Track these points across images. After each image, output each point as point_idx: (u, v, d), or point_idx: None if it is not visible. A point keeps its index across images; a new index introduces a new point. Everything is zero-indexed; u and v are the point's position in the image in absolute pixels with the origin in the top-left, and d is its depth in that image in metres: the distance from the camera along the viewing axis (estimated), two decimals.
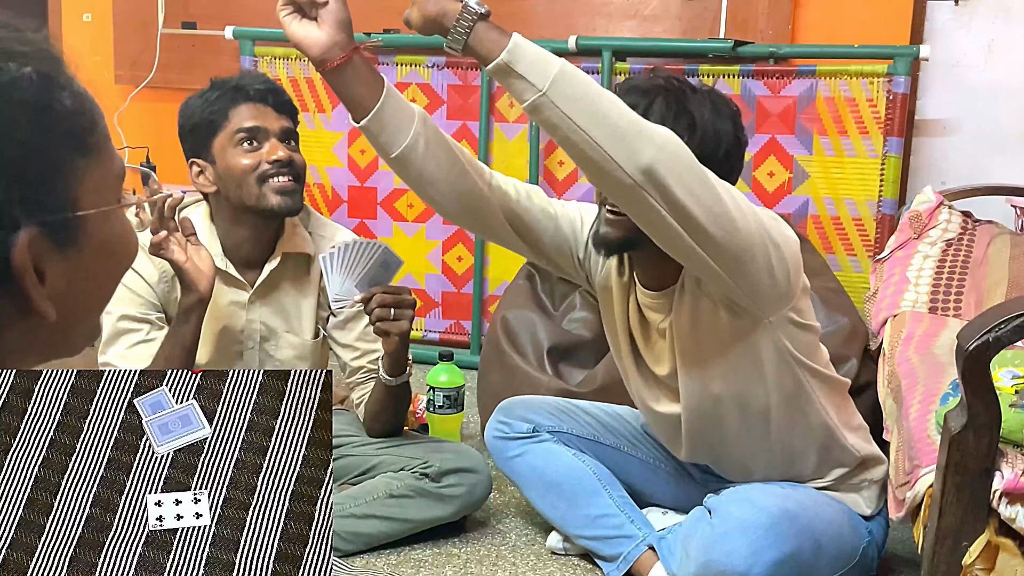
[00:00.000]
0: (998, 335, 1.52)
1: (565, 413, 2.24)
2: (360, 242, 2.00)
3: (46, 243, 0.70)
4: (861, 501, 2.00)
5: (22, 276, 0.69)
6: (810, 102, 3.19)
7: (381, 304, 2.01)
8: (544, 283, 2.98)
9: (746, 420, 1.91)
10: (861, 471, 2.01)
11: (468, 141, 3.51)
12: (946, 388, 1.91)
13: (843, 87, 3.14)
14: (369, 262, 2.00)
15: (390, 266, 2.03)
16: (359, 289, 2.01)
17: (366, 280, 2.01)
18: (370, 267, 2.00)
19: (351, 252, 1.99)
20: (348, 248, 1.99)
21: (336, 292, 2.01)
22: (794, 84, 3.20)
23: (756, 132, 3.23)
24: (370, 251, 2.00)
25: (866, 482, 2.01)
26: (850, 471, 2.00)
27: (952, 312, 2.53)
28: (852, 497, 2.00)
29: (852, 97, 3.14)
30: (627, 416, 2.28)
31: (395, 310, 2.03)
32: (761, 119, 3.23)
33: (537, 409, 2.25)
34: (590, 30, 3.57)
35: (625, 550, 2.08)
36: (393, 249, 2.03)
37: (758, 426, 1.92)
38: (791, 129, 3.22)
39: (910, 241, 2.82)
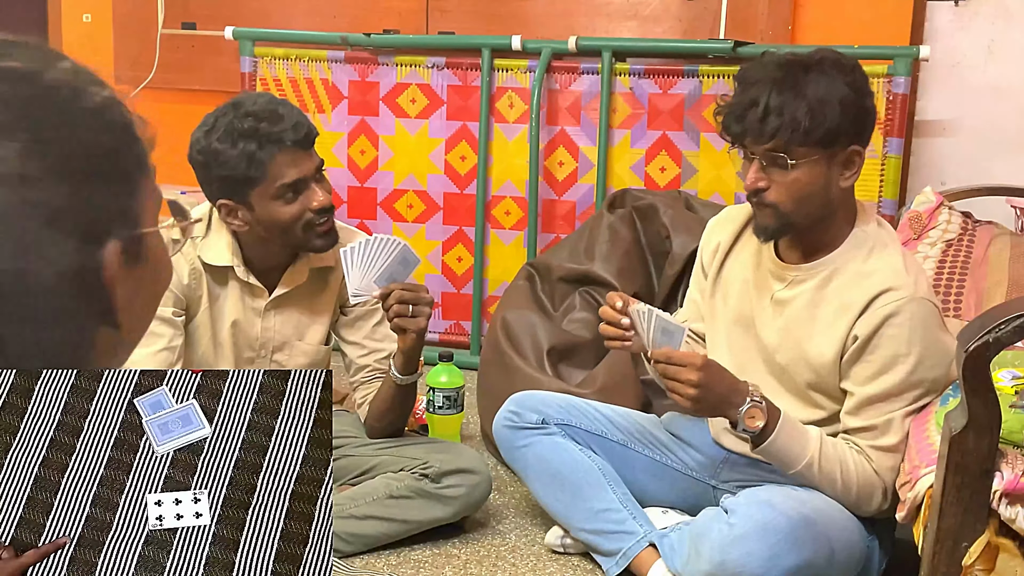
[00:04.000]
0: (998, 336, 1.52)
1: (575, 408, 2.26)
2: (380, 238, 2.05)
3: (122, 258, 0.73)
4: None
5: (112, 287, 0.72)
6: None
7: (400, 300, 2.04)
8: (544, 284, 2.98)
9: (798, 394, 2.01)
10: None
11: (468, 141, 3.51)
12: (946, 388, 1.91)
13: None
14: (389, 258, 2.04)
15: (409, 263, 2.07)
16: (378, 285, 2.05)
17: (385, 276, 2.05)
18: (389, 263, 2.04)
19: (371, 248, 2.04)
20: (369, 244, 2.04)
21: (356, 287, 2.05)
22: None
23: None
24: (390, 247, 2.04)
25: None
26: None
27: (952, 313, 2.53)
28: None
29: None
30: (635, 416, 2.29)
31: (413, 307, 2.05)
32: None
33: (548, 402, 2.27)
34: (590, 30, 3.57)
35: (626, 546, 2.08)
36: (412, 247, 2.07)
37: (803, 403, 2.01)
38: None
39: (910, 242, 2.82)
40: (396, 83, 3.54)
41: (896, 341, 1.86)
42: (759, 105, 1.83)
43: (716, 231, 2.16)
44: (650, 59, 3.36)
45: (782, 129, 1.82)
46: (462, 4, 3.76)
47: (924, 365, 1.88)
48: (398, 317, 2.06)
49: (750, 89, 1.86)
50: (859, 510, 1.94)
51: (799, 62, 1.87)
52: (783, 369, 2.00)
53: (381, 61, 3.54)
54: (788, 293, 1.99)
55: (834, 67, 1.86)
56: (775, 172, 1.87)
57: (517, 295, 2.95)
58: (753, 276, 2.05)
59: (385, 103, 3.56)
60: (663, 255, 2.95)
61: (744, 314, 2.06)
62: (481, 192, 3.49)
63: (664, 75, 3.32)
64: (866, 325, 1.88)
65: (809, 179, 1.86)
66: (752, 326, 2.04)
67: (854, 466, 1.91)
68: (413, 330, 2.08)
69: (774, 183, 1.88)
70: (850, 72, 1.87)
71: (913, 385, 1.89)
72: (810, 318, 1.96)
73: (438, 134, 3.54)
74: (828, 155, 1.86)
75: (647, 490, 2.22)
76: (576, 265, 2.96)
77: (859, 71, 1.90)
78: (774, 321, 2.01)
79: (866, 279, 1.90)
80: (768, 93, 1.83)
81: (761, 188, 1.89)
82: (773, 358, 2.01)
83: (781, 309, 2.00)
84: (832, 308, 1.93)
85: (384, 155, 3.59)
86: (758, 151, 1.87)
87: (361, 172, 3.62)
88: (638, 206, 3.01)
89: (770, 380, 2.02)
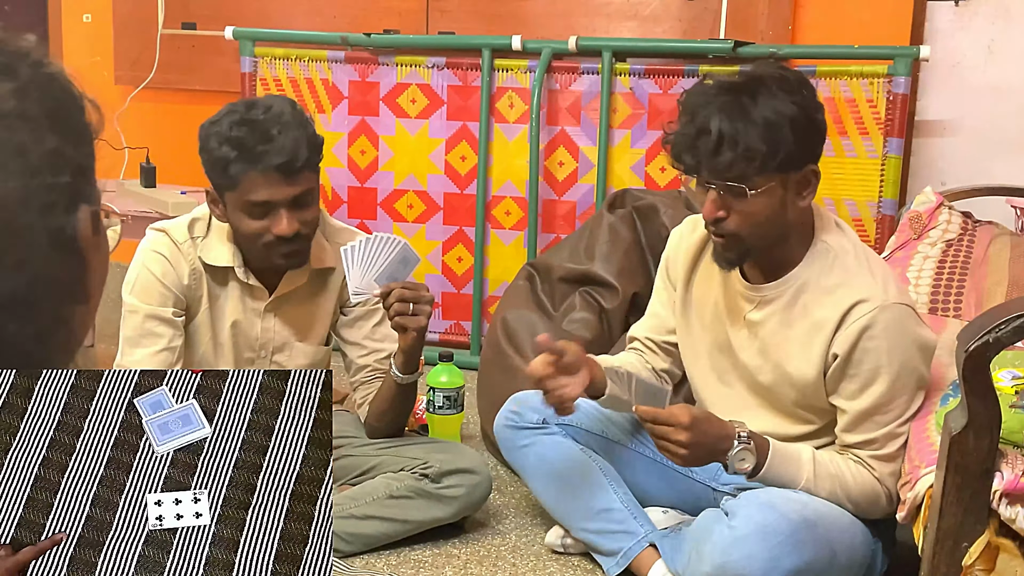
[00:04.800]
0: (998, 336, 1.52)
1: (576, 408, 2.25)
2: (380, 237, 2.05)
3: (91, 225, 0.74)
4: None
5: (88, 249, 0.73)
6: None
7: (400, 299, 2.05)
8: (544, 284, 2.98)
9: (785, 412, 2.02)
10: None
11: (468, 141, 3.51)
12: (946, 388, 1.91)
13: (843, 87, 3.14)
14: (389, 257, 2.05)
15: (409, 262, 2.07)
16: (378, 283, 2.05)
17: (385, 275, 2.06)
18: (389, 262, 2.05)
19: (371, 246, 2.04)
20: (368, 242, 2.05)
21: (356, 285, 2.06)
22: None
23: None
24: (390, 246, 2.05)
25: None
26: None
27: (952, 313, 2.53)
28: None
29: (852, 98, 3.14)
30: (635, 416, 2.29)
31: (414, 305, 2.06)
32: None
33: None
34: (590, 30, 3.57)
35: (626, 546, 2.08)
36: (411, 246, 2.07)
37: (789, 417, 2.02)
38: None
39: (910, 242, 2.82)
40: (396, 83, 3.54)
41: (876, 353, 1.87)
42: (710, 133, 1.80)
43: (683, 244, 2.14)
44: (650, 59, 3.36)
45: (737, 161, 1.80)
46: (462, 4, 3.76)
47: (907, 369, 1.88)
48: (399, 315, 2.06)
49: (697, 116, 1.83)
50: (866, 515, 1.95)
51: (744, 85, 1.83)
52: (768, 389, 2.01)
53: (381, 61, 3.54)
54: (759, 314, 1.99)
55: (781, 88, 1.82)
56: (733, 201, 1.85)
57: (517, 295, 2.95)
58: (723, 298, 2.05)
59: (385, 103, 3.56)
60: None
61: (721, 338, 2.06)
62: (481, 192, 3.49)
63: (664, 75, 3.32)
64: (843, 342, 1.88)
65: (767, 205, 1.85)
66: (729, 348, 2.05)
67: (852, 479, 1.92)
68: (414, 328, 2.09)
69: (733, 212, 1.86)
70: (797, 90, 1.84)
71: (901, 392, 1.89)
72: (784, 339, 1.96)
73: (438, 134, 3.54)
74: (785, 179, 1.85)
75: (648, 490, 2.22)
76: (576, 265, 2.95)
77: (805, 87, 1.87)
78: (751, 343, 2.01)
79: (833, 293, 1.90)
80: (717, 120, 1.80)
81: (720, 218, 1.88)
82: (756, 379, 2.02)
83: (755, 331, 2.00)
84: (805, 327, 1.93)
85: (384, 155, 3.59)
86: (715, 183, 1.85)
87: (361, 172, 3.62)
88: (638, 206, 3.01)
89: (756, 400, 2.03)
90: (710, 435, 1.87)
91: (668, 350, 2.21)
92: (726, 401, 2.06)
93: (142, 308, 2.13)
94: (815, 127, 1.87)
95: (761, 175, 1.82)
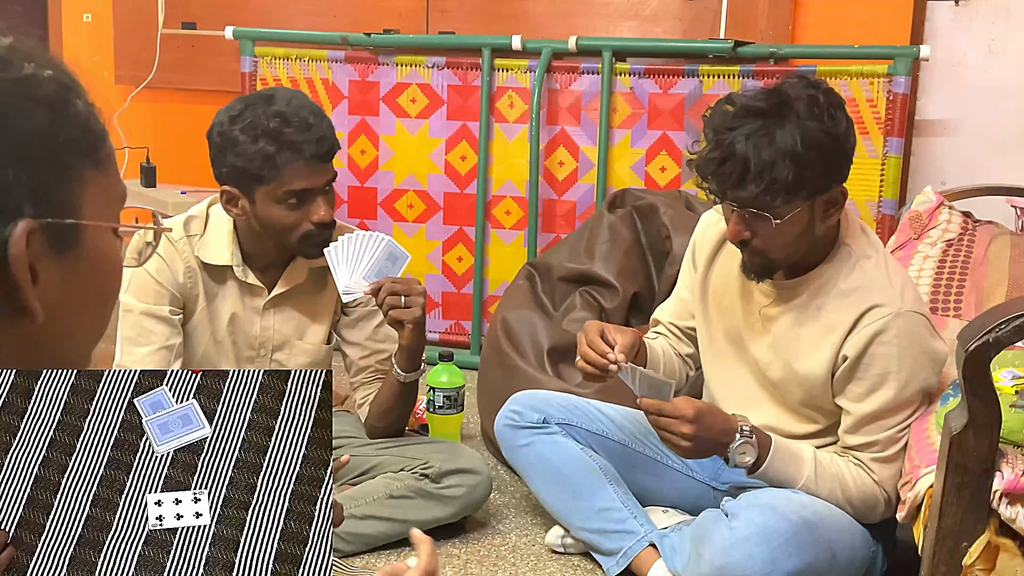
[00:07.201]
0: (998, 335, 1.52)
1: (576, 407, 2.26)
2: (363, 234, 2.06)
3: (44, 242, 0.71)
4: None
5: (16, 267, 0.70)
6: None
7: (391, 292, 2.05)
8: (544, 283, 2.98)
9: (791, 409, 2.01)
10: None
11: (468, 141, 3.51)
12: (946, 388, 1.91)
13: (843, 87, 3.14)
14: (375, 254, 2.05)
15: (397, 258, 2.07)
16: (367, 281, 2.05)
17: (374, 272, 2.06)
18: (376, 259, 2.05)
19: (355, 244, 2.05)
20: (351, 240, 2.05)
21: (345, 284, 2.06)
22: None
23: None
24: (374, 243, 2.05)
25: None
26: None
27: (952, 312, 2.53)
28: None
29: (852, 97, 3.14)
30: (636, 415, 2.29)
31: (406, 298, 2.06)
32: None
33: (549, 402, 2.27)
34: (590, 30, 3.57)
35: (626, 545, 2.08)
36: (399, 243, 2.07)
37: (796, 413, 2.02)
38: None
39: (910, 241, 2.82)
40: (396, 83, 3.54)
41: (886, 359, 1.86)
42: (735, 162, 1.77)
43: (711, 227, 2.13)
44: (650, 59, 3.36)
45: (763, 192, 1.78)
46: (462, 4, 3.76)
47: (917, 378, 1.88)
48: (392, 309, 2.07)
49: (722, 143, 1.80)
50: (864, 519, 1.94)
51: (771, 111, 1.80)
52: (775, 385, 2.01)
53: (381, 61, 3.54)
54: (774, 310, 1.99)
55: (810, 111, 1.79)
56: (759, 225, 1.84)
57: (517, 295, 2.95)
58: (741, 288, 2.05)
59: (385, 103, 3.56)
60: (663, 255, 2.95)
61: (734, 328, 2.06)
62: (481, 192, 3.49)
63: (664, 75, 3.32)
64: (855, 344, 1.88)
65: (794, 227, 1.84)
66: (741, 340, 2.05)
67: (852, 481, 1.92)
68: (409, 320, 2.08)
69: (758, 235, 1.85)
70: (827, 113, 1.81)
71: (908, 400, 1.89)
72: (796, 338, 1.96)
73: (438, 134, 3.54)
74: (811, 204, 1.83)
75: (648, 490, 2.22)
76: (576, 265, 2.96)
77: (835, 107, 1.83)
78: (763, 337, 2.01)
79: (849, 296, 1.90)
80: (744, 148, 1.77)
81: (745, 239, 1.87)
82: (764, 374, 2.02)
83: (769, 325, 2.00)
84: (818, 327, 1.93)
85: (384, 155, 3.59)
86: (740, 207, 1.84)
87: (361, 172, 3.62)
88: (638, 206, 3.01)
89: (763, 394, 2.03)
90: (714, 429, 1.86)
91: (692, 336, 2.21)
92: (733, 391, 2.05)
93: (138, 307, 2.13)
94: (843, 153, 1.84)
95: (787, 205, 1.81)
